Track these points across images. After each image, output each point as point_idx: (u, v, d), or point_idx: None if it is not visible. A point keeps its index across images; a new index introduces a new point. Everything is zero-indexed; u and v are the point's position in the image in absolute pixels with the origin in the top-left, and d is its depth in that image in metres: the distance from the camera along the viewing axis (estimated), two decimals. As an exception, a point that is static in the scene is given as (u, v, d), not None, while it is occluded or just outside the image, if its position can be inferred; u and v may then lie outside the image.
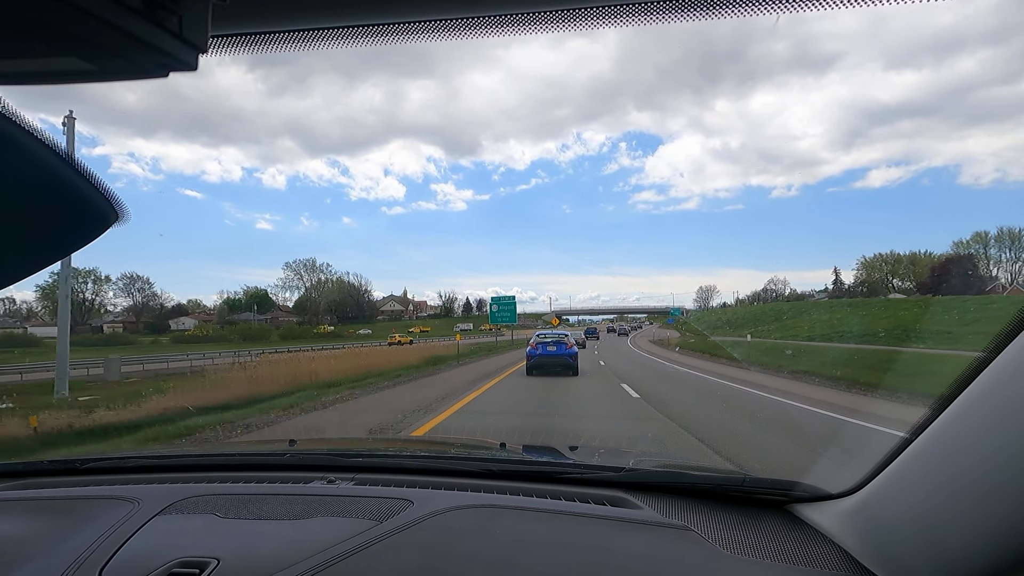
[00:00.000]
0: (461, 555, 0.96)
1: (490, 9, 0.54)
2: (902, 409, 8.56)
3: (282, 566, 0.90)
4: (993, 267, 65.90)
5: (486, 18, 0.54)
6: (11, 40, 0.40)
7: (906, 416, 7.37)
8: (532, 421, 7.71)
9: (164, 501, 1.17)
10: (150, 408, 8.97)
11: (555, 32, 0.57)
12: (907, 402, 9.19)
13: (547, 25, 0.56)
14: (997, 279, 62.07)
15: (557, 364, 15.31)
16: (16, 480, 1.41)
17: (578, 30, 0.56)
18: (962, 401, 0.73)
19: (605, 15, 0.55)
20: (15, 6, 0.36)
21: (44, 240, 0.55)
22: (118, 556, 0.96)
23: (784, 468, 5.09)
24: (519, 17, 0.54)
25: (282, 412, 8.87)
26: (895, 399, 9.78)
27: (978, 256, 65.64)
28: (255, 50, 0.55)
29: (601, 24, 0.55)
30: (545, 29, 0.56)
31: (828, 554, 0.95)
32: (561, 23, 0.56)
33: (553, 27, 0.56)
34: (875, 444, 5.98)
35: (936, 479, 0.76)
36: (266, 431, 7.43)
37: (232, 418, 8.01)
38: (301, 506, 1.15)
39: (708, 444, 6.07)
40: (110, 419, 8.10)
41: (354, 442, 2.83)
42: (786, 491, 1.17)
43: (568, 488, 1.25)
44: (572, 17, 0.55)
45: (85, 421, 7.91)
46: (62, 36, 0.40)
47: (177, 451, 1.78)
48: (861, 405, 9.38)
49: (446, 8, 0.53)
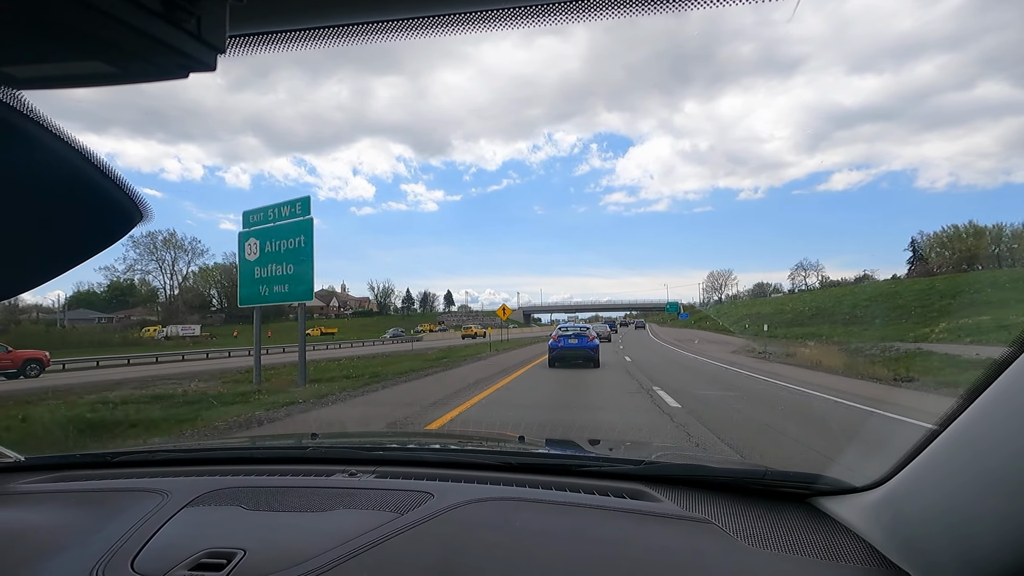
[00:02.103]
0: (481, 547, 0.97)
1: (480, 5, 0.53)
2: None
3: (306, 557, 0.92)
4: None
5: (481, 13, 0.54)
6: (36, 45, 0.41)
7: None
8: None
9: (192, 493, 1.19)
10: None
11: (528, 28, 0.56)
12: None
13: (525, 20, 0.56)
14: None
15: (578, 356, 15.73)
16: (51, 473, 1.46)
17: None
18: (994, 391, 0.71)
19: (578, 9, 0.54)
20: (40, 11, 0.37)
21: (75, 239, 0.57)
22: (149, 546, 0.99)
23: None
24: (506, 12, 0.54)
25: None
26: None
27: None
28: (272, 49, 0.56)
29: (574, 18, 0.55)
30: (524, 24, 0.56)
31: (852, 548, 0.93)
32: (537, 18, 0.55)
33: (530, 22, 0.56)
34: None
35: (967, 472, 0.74)
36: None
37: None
38: (323, 498, 1.17)
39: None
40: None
41: (374, 436, 2.86)
42: (808, 484, 1.15)
43: (587, 481, 1.25)
44: (544, 12, 0.54)
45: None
46: (84, 40, 0.40)
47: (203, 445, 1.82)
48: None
49: (461, 3, 0.53)
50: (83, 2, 0.38)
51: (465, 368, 16.44)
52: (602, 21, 0.55)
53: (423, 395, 9.94)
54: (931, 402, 8.80)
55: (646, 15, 0.54)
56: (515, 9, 0.54)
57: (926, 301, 37.79)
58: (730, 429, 6.40)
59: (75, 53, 0.42)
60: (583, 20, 0.55)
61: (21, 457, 1.52)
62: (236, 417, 7.68)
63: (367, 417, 7.88)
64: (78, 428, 7.04)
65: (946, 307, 34.06)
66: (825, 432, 6.47)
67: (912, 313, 36.26)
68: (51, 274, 0.60)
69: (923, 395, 9.80)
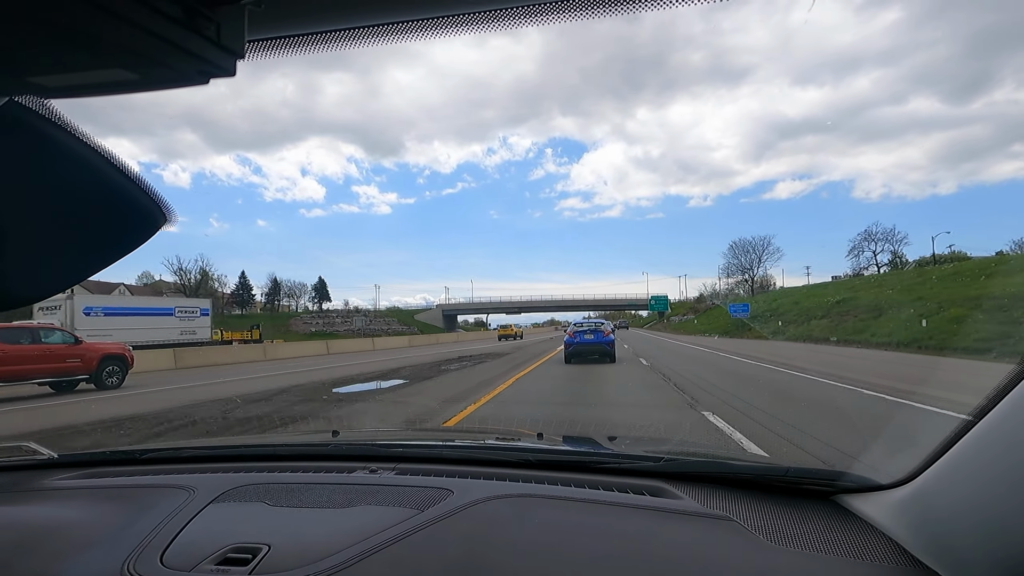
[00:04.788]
0: (501, 543, 0.97)
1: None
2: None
3: (329, 552, 0.93)
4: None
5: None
6: (63, 54, 0.42)
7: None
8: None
9: (217, 489, 1.22)
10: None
11: (526, 27, 0.55)
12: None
13: (525, 19, 0.54)
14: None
15: (594, 351, 16.06)
16: (82, 469, 1.50)
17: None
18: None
19: (532, 13, 0.54)
20: (66, 20, 0.38)
21: (102, 242, 0.58)
22: (177, 541, 1.01)
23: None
24: (506, 10, 0.53)
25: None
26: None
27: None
28: (291, 53, 0.56)
29: (530, 21, 0.54)
30: (522, 22, 0.55)
31: (878, 546, 0.92)
32: (532, 17, 0.54)
33: (528, 21, 0.54)
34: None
35: (1000, 467, 0.72)
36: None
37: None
38: (345, 495, 1.18)
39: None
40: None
41: (394, 433, 2.89)
42: (832, 481, 1.13)
43: (607, 478, 1.24)
44: (538, 12, 0.54)
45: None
46: (107, 48, 0.41)
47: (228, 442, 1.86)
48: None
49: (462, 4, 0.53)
50: (106, 10, 0.39)
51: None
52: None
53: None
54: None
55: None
56: (515, 7, 0.53)
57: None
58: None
59: (99, 61, 0.43)
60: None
61: (55, 454, 1.57)
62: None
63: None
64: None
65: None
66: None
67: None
68: (82, 276, 0.61)
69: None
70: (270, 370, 17.83)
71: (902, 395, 8.62)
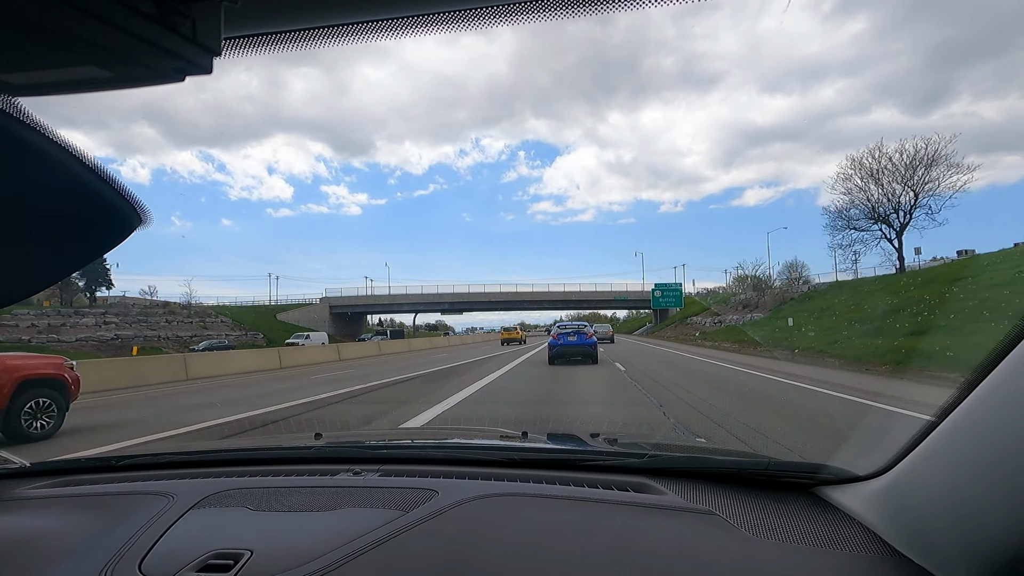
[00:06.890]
0: (487, 543, 0.97)
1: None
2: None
3: (313, 556, 0.92)
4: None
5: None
6: (32, 51, 0.41)
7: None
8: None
9: (197, 495, 1.20)
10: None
11: (525, 24, 0.55)
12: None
13: (526, 17, 0.54)
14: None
15: (578, 353, 16.58)
16: (56, 478, 1.46)
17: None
18: (996, 376, 0.71)
19: (504, 12, 0.54)
20: (35, 17, 0.37)
21: (75, 244, 0.57)
22: (156, 549, 0.99)
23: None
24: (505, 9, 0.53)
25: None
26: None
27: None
28: (268, 50, 0.55)
29: (501, 20, 0.54)
30: (524, 21, 0.55)
31: (856, 536, 0.94)
32: (530, 15, 0.54)
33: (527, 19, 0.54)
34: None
35: (966, 456, 0.75)
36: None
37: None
38: (329, 498, 1.17)
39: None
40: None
41: (378, 434, 2.87)
42: (812, 474, 1.16)
43: (591, 475, 1.25)
44: (540, 10, 0.53)
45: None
46: (80, 45, 0.41)
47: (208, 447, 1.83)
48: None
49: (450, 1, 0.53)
50: (78, 7, 0.38)
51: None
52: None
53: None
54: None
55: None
56: (491, 6, 0.53)
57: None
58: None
59: (71, 59, 0.42)
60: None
61: (27, 463, 1.53)
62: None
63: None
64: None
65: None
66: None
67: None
68: (53, 279, 0.60)
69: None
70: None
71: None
